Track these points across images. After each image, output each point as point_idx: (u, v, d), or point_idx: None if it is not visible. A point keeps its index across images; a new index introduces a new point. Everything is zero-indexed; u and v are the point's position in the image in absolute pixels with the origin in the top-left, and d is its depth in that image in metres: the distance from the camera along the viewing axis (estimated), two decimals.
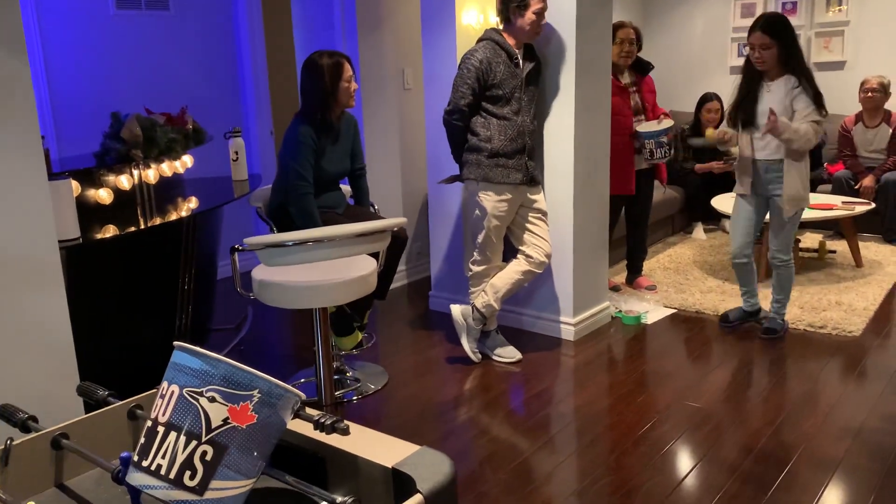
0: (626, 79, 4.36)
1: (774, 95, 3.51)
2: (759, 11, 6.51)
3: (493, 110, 3.46)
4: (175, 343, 1.13)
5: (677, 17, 7.08)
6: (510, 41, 3.46)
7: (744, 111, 3.59)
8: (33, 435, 1.28)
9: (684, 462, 2.74)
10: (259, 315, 4.49)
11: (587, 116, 3.77)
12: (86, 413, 1.63)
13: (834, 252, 5.29)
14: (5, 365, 2.09)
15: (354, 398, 3.36)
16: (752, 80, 3.57)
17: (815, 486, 2.55)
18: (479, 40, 3.51)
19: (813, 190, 5.80)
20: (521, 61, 3.48)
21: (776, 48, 3.43)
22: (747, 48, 3.56)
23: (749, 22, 3.66)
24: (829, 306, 4.26)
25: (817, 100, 3.46)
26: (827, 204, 5.03)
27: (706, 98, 5.97)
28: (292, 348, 4.08)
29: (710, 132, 3.72)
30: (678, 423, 3.03)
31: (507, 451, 2.86)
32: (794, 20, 6.34)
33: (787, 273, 3.74)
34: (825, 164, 6.01)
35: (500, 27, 3.53)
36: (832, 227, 5.73)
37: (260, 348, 4.04)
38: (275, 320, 4.47)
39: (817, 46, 6.36)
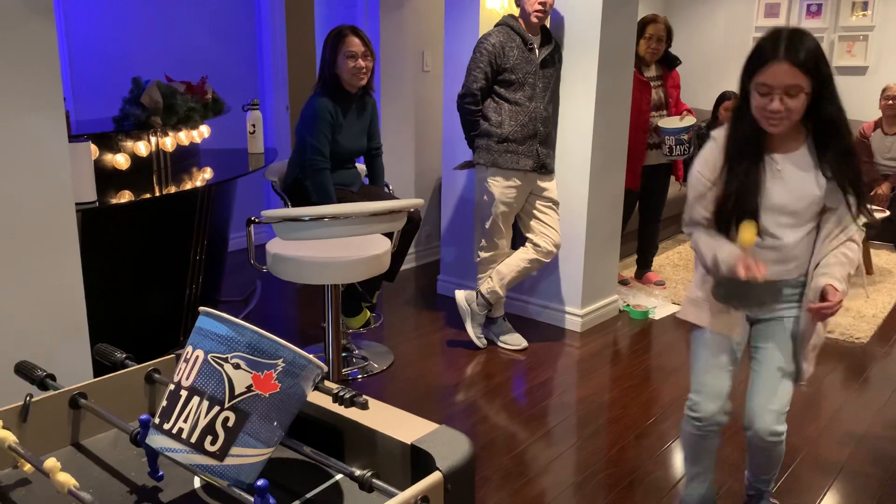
0: (650, 72, 4.32)
1: (791, 182, 1.96)
2: (783, 12, 6.43)
3: (505, 95, 3.45)
4: (201, 308, 1.13)
5: (699, 14, 7.02)
6: (524, 26, 3.45)
7: (740, 207, 1.96)
8: (52, 392, 1.29)
9: None
10: (267, 289, 4.50)
11: (607, 109, 3.75)
12: (94, 377, 1.63)
13: None
14: (16, 324, 2.10)
15: (360, 377, 3.37)
16: (748, 152, 1.95)
17: (816, 489, 2.55)
18: (496, 25, 3.50)
19: None
20: (536, 47, 3.47)
21: (807, 94, 1.84)
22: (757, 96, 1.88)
23: (774, 22, 3.30)
24: (838, 312, 4.25)
25: (861, 192, 1.98)
26: None
27: (725, 96, 5.92)
28: (298, 324, 4.09)
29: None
30: (681, 419, 3.02)
31: (508, 439, 2.86)
32: (817, 23, 6.30)
33: (782, 449, 2.29)
34: None
35: (517, 13, 3.52)
36: None
37: (267, 322, 4.05)
38: (282, 295, 4.48)
39: (840, 50, 6.31)
